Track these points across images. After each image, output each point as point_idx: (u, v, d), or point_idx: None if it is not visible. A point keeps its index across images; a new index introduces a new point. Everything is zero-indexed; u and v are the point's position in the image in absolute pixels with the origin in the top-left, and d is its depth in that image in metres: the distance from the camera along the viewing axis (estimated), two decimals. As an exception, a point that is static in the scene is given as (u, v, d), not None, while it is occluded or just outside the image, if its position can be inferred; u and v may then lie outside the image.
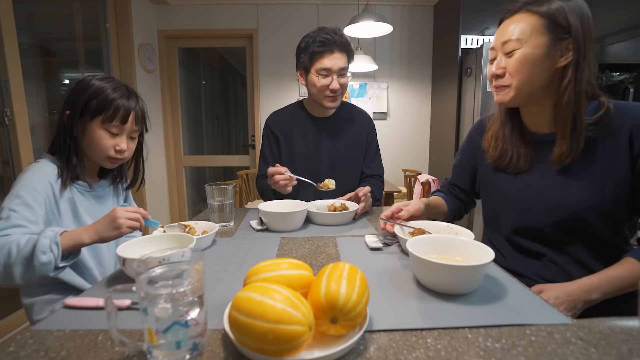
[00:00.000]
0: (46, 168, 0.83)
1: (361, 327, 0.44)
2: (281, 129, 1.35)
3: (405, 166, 3.46)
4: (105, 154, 0.86)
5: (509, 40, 0.74)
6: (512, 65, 0.74)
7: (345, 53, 1.24)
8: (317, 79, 1.22)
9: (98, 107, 0.82)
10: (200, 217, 1.14)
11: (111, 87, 0.84)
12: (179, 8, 3.24)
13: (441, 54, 3.17)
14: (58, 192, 0.83)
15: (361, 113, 1.42)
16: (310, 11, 3.26)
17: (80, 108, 0.82)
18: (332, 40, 1.19)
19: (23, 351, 0.43)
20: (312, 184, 1.18)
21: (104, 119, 0.83)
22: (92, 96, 0.82)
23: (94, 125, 0.83)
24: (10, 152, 1.82)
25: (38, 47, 2.13)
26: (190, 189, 3.71)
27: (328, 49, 1.20)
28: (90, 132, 0.84)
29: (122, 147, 0.87)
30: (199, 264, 0.41)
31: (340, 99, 1.28)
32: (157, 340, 0.39)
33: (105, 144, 0.85)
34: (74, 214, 0.86)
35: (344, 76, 1.25)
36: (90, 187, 0.91)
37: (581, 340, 0.44)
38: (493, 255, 0.56)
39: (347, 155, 1.35)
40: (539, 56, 0.71)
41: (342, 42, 1.21)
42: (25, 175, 0.80)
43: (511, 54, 0.74)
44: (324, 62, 1.20)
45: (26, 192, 0.77)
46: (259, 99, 3.36)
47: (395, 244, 0.84)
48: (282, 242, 0.86)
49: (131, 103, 0.86)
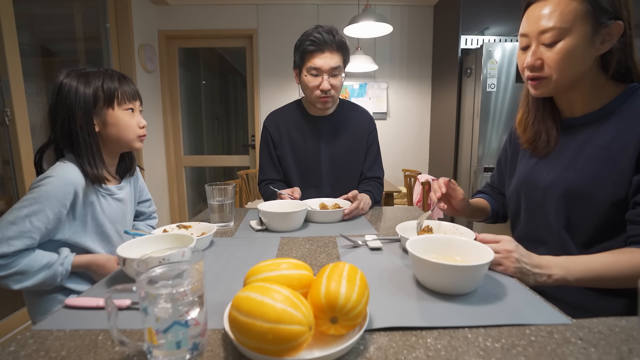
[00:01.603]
0: (73, 175, 0.82)
1: (361, 327, 0.44)
2: (279, 130, 1.33)
3: (405, 166, 3.46)
4: (135, 132, 0.92)
5: (547, 30, 0.66)
6: (553, 58, 0.68)
7: (339, 52, 1.21)
8: (307, 78, 1.21)
9: (109, 95, 0.86)
10: (200, 217, 1.15)
11: (105, 75, 0.87)
12: (179, 8, 3.24)
13: (441, 54, 3.17)
14: (81, 197, 0.83)
15: (362, 112, 1.40)
16: (310, 11, 3.26)
17: (90, 104, 0.85)
18: (322, 40, 1.17)
19: (23, 351, 0.43)
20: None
21: (119, 102, 0.88)
22: (96, 89, 0.85)
23: (115, 111, 0.88)
24: (10, 152, 1.82)
25: (38, 47, 2.13)
26: (190, 189, 3.71)
27: (318, 48, 1.18)
28: (114, 119, 0.88)
29: (143, 122, 0.94)
30: (199, 264, 0.41)
31: (333, 101, 1.26)
32: (158, 340, 0.39)
33: (132, 123, 0.91)
34: (92, 218, 0.87)
35: (336, 76, 1.22)
36: (112, 190, 0.93)
37: (581, 340, 0.44)
38: (493, 255, 0.56)
39: (346, 156, 1.33)
40: (583, 46, 0.65)
41: (334, 41, 1.18)
42: (51, 181, 0.78)
43: (552, 45, 0.67)
44: (314, 61, 1.18)
45: (48, 201, 0.77)
46: (259, 99, 3.36)
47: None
48: (282, 242, 0.86)
49: (129, 81, 0.92)
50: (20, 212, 0.75)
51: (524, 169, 0.86)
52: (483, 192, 1.06)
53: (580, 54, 0.66)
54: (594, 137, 0.72)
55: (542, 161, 0.82)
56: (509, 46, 2.48)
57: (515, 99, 2.52)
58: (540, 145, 0.81)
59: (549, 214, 0.77)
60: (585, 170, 0.71)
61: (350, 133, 1.34)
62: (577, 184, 0.72)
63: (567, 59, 0.67)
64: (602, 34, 0.65)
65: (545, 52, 0.69)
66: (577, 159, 0.74)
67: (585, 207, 0.71)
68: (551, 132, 0.79)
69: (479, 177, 2.62)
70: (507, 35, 2.79)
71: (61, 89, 0.84)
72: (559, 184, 0.75)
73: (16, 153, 1.81)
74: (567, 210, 0.74)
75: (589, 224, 0.71)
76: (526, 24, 0.71)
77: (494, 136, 2.58)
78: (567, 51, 0.66)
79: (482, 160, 2.61)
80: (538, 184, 0.80)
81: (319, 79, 1.20)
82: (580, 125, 0.76)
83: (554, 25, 0.65)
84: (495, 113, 2.55)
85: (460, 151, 2.91)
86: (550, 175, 0.78)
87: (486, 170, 2.61)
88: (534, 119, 0.82)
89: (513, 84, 2.50)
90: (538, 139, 0.81)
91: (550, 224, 0.77)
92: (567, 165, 0.75)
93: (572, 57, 0.67)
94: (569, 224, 0.74)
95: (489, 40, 2.76)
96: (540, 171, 0.81)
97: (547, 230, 0.78)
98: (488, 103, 2.53)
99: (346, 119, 1.35)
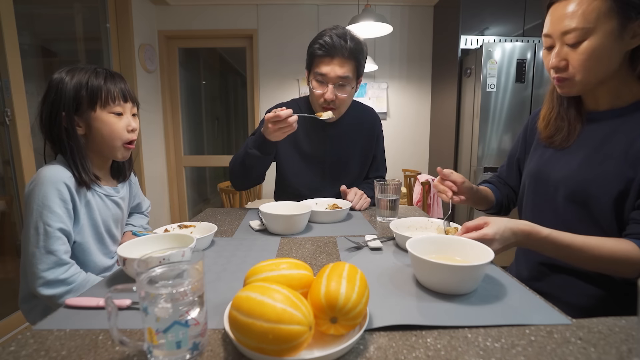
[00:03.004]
0: (60, 173, 0.79)
1: (361, 326, 0.44)
2: None
3: (405, 166, 3.46)
4: (121, 137, 0.84)
5: (570, 30, 0.64)
6: (577, 59, 0.66)
7: (351, 61, 1.10)
8: (313, 83, 1.15)
9: (91, 96, 0.80)
10: (201, 217, 1.14)
11: (91, 73, 0.81)
12: (179, 8, 3.24)
13: (441, 54, 3.17)
14: (76, 194, 0.81)
15: (370, 114, 1.34)
16: (310, 11, 3.26)
17: (71, 105, 0.79)
18: (332, 45, 1.08)
19: (24, 350, 0.43)
20: (314, 116, 1.14)
21: (103, 103, 0.80)
22: (78, 88, 0.79)
23: (98, 114, 0.81)
24: (10, 152, 1.82)
25: (39, 47, 2.13)
26: (190, 189, 3.71)
27: (327, 53, 1.09)
28: (98, 122, 0.82)
29: (133, 125, 0.86)
30: (199, 264, 0.41)
31: (338, 113, 1.17)
32: (158, 339, 0.39)
33: (118, 127, 0.83)
34: (89, 217, 0.86)
35: (343, 87, 1.12)
36: (109, 191, 0.91)
37: (580, 340, 0.44)
38: (493, 255, 0.56)
39: (353, 161, 1.29)
40: (609, 45, 0.63)
41: (346, 48, 1.08)
42: (37, 184, 0.77)
43: (576, 46, 0.65)
44: (321, 67, 1.11)
45: (52, 203, 0.76)
46: (259, 99, 3.36)
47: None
48: (282, 242, 0.86)
49: (117, 80, 0.84)
50: (36, 232, 0.74)
51: (537, 160, 0.84)
52: (489, 182, 1.04)
53: (606, 53, 0.64)
54: (616, 135, 0.70)
55: (559, 153, 0.79)
56: (508, 46, 2.48)
57: (515, 99, 2.53)
58: (558, 139, 0.79)
59: (558, 207, 0.76)
60: (600, 169, 0.69)
61: (357, 136, 1.29)
62: (589, 181, 0.70)
63: (592, 59, 0.65)
64: (632, 28, 0.63)
65: (569, 53, 0.67)
66: (594, 156, 0.72)
67: (594, 206, 0.70)
68: (573, 126, 0.77)
69: (479, 177, 2.62)
70: (507, 35, 2.79)
71: (49, 87, 0.80)
72: (570, 180, 0.73)
73: (16, 153, 1.81)
74: (575, 207, 0.73)
75: (595, 223, 0.71)
76: (549, 24, 0.69)
77: (493, 136, 2.58)
78: (592, 51, 0.64)
79: (482, 160, 2.61)
80: (550, 176, 0.78)
81: (324, 87, 1.12)
82: (603, 120, 0.73)
83: (576, 26, 0.63)
84: (495, 113, 2.55)
85: (460, 151, 2.91)
86: (564, 170, 0.76)
87: (486, 170, 2.61)
88: (556, 115, 0.80)
89: (513, 84, 2.51)
90: (559, 134, 0.79)
91: (556, 219, 0.76)
92: (582, 162, 0.73)
93: (598, 57, 0.65)
94: (576, 220, 0.73)
95: (488, 40, 2.76)
96: (554, 164, 0.79)
97: (553, 225, 0.78)
98: (488, 103, 2.54)
99: (354, 122, 1.29)
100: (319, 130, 1.27)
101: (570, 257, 0.66)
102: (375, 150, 1.35)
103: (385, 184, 1.02)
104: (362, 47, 1.13)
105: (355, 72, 1.14)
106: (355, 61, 1.12)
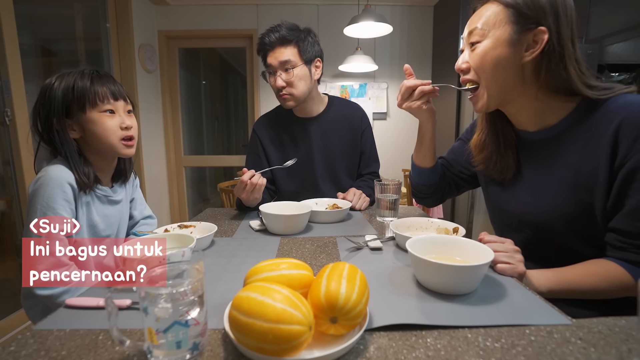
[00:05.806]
0: (64, 173, 0.79)
1: (361, 326, 0.44)
2: (269, 135, 1.29)
3: (405, 166, 3.46)
4: (115, 135, 0.84)
5: (472, 30, 0.68)
6: (474, 59, 0.69)
7: (290, 44, 1.13)
8: (268, 79, 1.19)
9: (79, 98, 0.79)
10: (201, 217, 1.14)
11: (77, 75, 0.81)
12: (179, 8, 3.24)
13: (441, 54, 3.17)
14: (77, 194, 0.82)
15: (354, 108, 1.34)
16: (310, 11, 3.26)
17: (61, 110, 0.79)
18: (267, 41, 1.14)
19: (24, 350, 0.43)
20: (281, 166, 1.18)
21: (92, 104, 0.80)
22: (66, 92, 0.79)
23: (89, 115, 0.81)
24: (10, 152, 1.82)
25: (38, 47, 2.13)
26: (190, 189, 3.71)
27: (266, 48, 1.15)
28: (90, 123, 0.81)
29: (127, 122, 0.85)
30: (199, 264, 0.41)
31: (293, 98, 1.18)
32: (158, 339, 0.39)
33: (110, 125, 0.83)
34: (88, 218, 0.86)
35: (288, 71, 1.14)
36: (109, 192, 0.90)
37: (580, 340, 0.44)
38: (493, 255, 0.56)
39: (340, 157, 1.29)
40: (504, 51, 0.65)
41: (278, 36, 1.12)
42: (43, 182, 0.77)
43: (474, 47, 0.69)
44: (266, 61, 1.17)
45: (57, 204, 0.76)
46: (259, 99, 3.37)
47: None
48: (282, 242, 0.86)
49: (105, 80, 0.84)
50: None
51: (494, 193, 0.84)
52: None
53: (503, 59, 0.66)
54: (557, 158, 0.70)
55: (509, 188, 0.80)
56: (509, 46, 2.48)
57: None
58: (495, 170, 0.79)
59: (527, 237, 0.76)
60: (555, 199, 0.70)
61: (343, 133, 1.30)
62: (548, 213, 0.71)
63: (488, 62, 0.67)
64: (527, 40, 0.65)
65: (470, 55, 0.70)
66: (543, 185, 0.72)
67: (559, 236, 0.71)
68: (506, 159, 0.77)
69: (479, 177, 2.62)
70: (507, 35, 2.79)
71: (39, 94, 0.80)
72: (528, 215, 0.74)
73: (16, 153, 1.81)
74: (543, 235, 0.73)
75: (567, 251, 0.71)
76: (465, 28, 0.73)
77: (494, 136, 2.58)
78: (485, 53, 0.67)
79: (482, 161, 2.61)
80: (509, 211, 0.79)
81: (273, 78, 1.16)
82: (538, 142, 0.73)
83: (476, 26, 0.68)
84: (495, 113, 2.55)
85: (460, 151, 2.90)
86: (519, 206, 0.77)
87: (486, 170, 2.61)
88: (486, 139, 0.80)
89: (513, 84, 2.51)
90: (490, 163, 0.80)
91: (529, 246, 0.75)
92: (535, 193, 0.73)
93: (494, 62, 0.67)
94: (547, 247, 0.74)
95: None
96: (508, 200, 0.79)
97: (528, 250, 0.75)
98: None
99: (337, 118, 1.30)
100: (302, 130, 1.28)
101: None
102: (363, 146, 1.33)
103: (385, 184, 1.02)
104: (298, 29, 1.16)
105: (299, 54, 1.15)
106: (294, 43, 1.14)
